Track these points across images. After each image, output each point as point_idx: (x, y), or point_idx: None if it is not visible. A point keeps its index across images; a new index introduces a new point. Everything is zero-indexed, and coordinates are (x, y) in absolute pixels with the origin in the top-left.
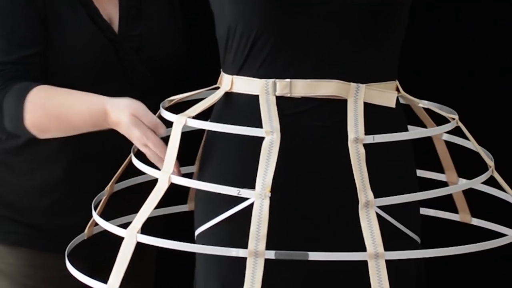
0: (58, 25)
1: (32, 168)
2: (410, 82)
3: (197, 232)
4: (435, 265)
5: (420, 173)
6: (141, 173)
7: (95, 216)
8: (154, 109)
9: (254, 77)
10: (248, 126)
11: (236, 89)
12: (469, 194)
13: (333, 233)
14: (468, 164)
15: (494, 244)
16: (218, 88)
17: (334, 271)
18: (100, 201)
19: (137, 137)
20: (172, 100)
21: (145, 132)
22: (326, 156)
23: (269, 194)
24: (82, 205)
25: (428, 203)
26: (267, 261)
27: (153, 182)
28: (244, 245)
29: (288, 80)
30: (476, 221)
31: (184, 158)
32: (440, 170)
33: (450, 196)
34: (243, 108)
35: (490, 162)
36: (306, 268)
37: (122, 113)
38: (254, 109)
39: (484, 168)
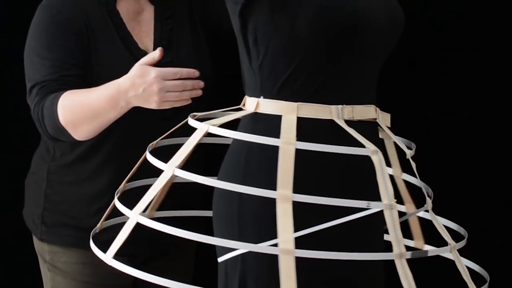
0: (97, 54)
1: (82, 180)
2: None
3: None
4: None
5: None
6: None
7: (154, 224)
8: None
9: (322, 103)
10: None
11: (302, 114)
12: None
13: None
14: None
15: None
16: (240, 109)
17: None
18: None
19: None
20: (195, 115)
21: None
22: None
23: (396, 204)
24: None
25: None
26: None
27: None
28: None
29: (351, 106)
30: None
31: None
32: None
33: None
34: (314, 130)
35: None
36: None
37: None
38: (323, 130)
39: None
